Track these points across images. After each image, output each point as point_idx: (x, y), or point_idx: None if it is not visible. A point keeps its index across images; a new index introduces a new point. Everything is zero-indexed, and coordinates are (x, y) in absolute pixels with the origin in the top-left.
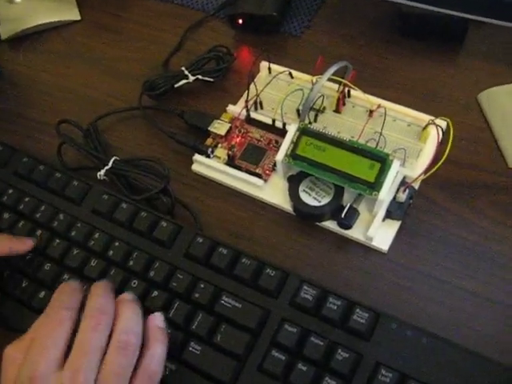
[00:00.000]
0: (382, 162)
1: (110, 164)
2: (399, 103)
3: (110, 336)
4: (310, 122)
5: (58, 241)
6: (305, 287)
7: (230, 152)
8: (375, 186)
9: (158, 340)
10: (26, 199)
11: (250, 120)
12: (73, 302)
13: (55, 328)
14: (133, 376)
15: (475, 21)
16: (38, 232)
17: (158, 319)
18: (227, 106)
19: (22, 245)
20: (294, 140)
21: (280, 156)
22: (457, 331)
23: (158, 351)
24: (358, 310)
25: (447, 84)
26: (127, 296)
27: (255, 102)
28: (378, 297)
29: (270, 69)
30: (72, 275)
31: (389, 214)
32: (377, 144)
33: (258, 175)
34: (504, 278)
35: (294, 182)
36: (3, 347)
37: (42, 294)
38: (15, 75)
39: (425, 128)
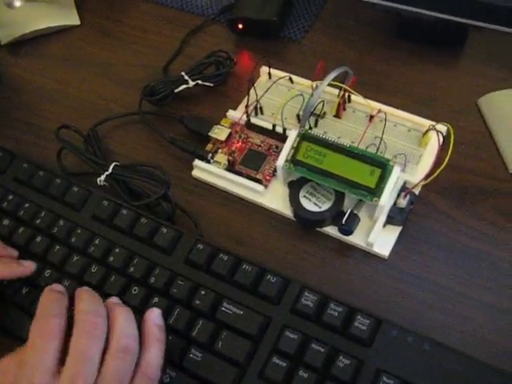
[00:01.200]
0: (383, 167)
1: (110, 170)
2: (400, 108)
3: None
4: (310, 128)
5: (58, 247)
6: (306, 293)
7: (230, 157)
8: (376, 191)
9: (155, 339)
10: (26, 205)
11: (250, 125)
12: (60, 308)
13: (46, 337)
14: (132, 377)
15: (475, 26)
16: (38, 238)
17: (155, 315)
18: (227, 111)
19: (23, 269)
20: (295, 145)
21: (280, 161)
22: (458, 338)
23: (156, 351)
24: (359, 317)
25: (447, 89)
26: (115, 300)
27: (255, 108)
28: (378, 303)
29: (270, 74)
30: (72, 281)
31: (389, 220)
32: (377, 149)
33: (259, 181)
34: (507, 283)
35: (294, 187)
36: (3, 355)
37: None
38: (14, 80)
39: (425, 133)
